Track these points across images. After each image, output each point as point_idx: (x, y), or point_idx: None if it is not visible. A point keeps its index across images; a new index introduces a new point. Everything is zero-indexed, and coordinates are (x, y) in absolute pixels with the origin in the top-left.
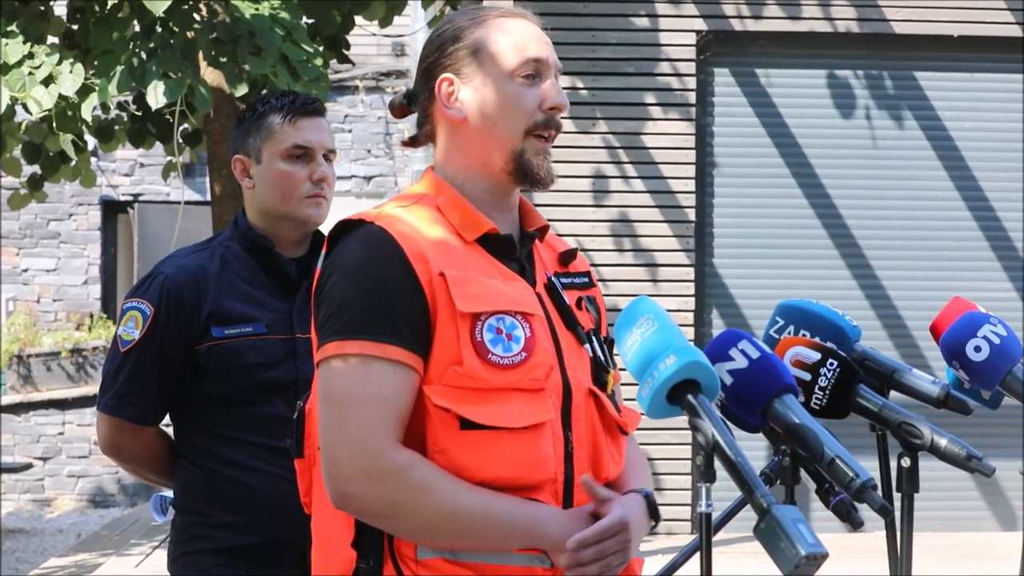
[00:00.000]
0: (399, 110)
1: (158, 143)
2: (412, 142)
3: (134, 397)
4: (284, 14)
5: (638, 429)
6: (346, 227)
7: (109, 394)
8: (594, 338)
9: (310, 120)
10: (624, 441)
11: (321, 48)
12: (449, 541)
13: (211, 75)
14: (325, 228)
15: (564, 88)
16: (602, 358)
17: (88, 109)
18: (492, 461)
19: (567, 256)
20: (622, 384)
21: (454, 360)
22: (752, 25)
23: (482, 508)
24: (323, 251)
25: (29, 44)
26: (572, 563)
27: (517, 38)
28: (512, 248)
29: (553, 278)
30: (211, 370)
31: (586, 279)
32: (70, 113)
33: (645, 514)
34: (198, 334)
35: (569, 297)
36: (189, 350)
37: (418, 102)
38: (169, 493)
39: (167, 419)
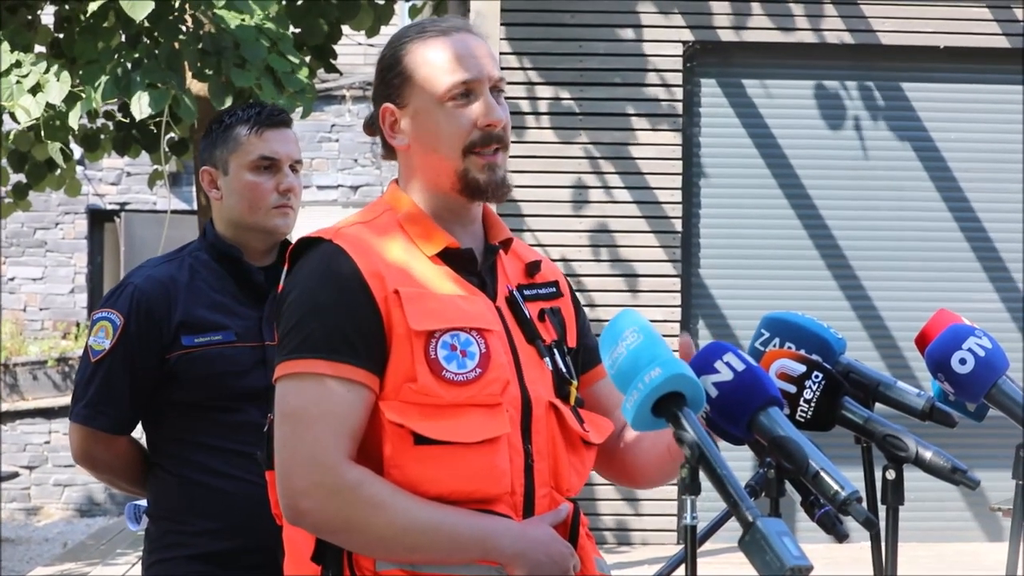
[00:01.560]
0: (368, 129)
1: (144, 152)
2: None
3: (106, 406)
4: (270, 24)
5: None
6: (305, 245)
7: (81, 403)
8: (556, 351)
9: (276, 131)
10: (589, 453)
11: (308, 58)
12: (403, 555)
13: (196, 85)
14: (295, 238)
15: (552, 99)
16: (564, 370)
17: (75, 117)
18: (447, 475)
19: (533, 267)
20: None
21: (409, 377)
22: (739, 35)
23: (433, 523)
24: (285, 268)
25: (17, 53)
26: None
27: (445, 60)
28: (472, 262)
29: (514, 291)
30: (182, 378)
31: (553, 289)
32: (57, 123)
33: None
34: (168, 343)
35: (532, 309)
36: (160, 359)
37: (376, 124)
38: (143, 502)
39: (140, 429)
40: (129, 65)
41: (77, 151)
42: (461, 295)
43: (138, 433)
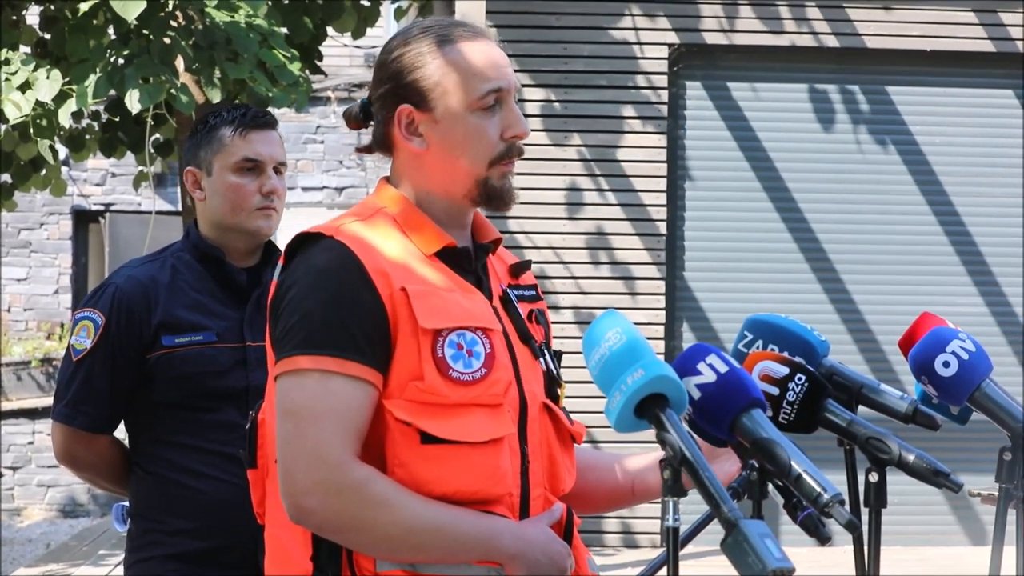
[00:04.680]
0: (355, 123)
1: (130, 153)
2: (369, 149)
3: (86, 405)
4: (259, 20)
5: (610, 441)
6: (305, 240)
7: (63, 403)
8: (546, 351)
9: (261, 133)
10: (574, 451)
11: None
12: (406, 555)
13: (190, 82)
14: (284, 238)
15: (537, 101)
16: (554, 371)
17: (65, 115)
18: (452, 475)
19: (519, 268)
20: (567, 396)
21: (415, 375)
22: (724, 38)
23: (438, 522)
24: (280, 263)
25: (4, 51)
26: None
27: (475, 67)
28: (469, 261)
29: (508, 290)
30: (162, 378)
31: (534, 292)
32: (44, 122)
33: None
34: (149, 343)
35: (522, 310)
36: (140, 359)
37: (376, 120)
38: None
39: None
40: (121, 61)
41: (62, 151)
42: (462, 294)
43: (122, 433)
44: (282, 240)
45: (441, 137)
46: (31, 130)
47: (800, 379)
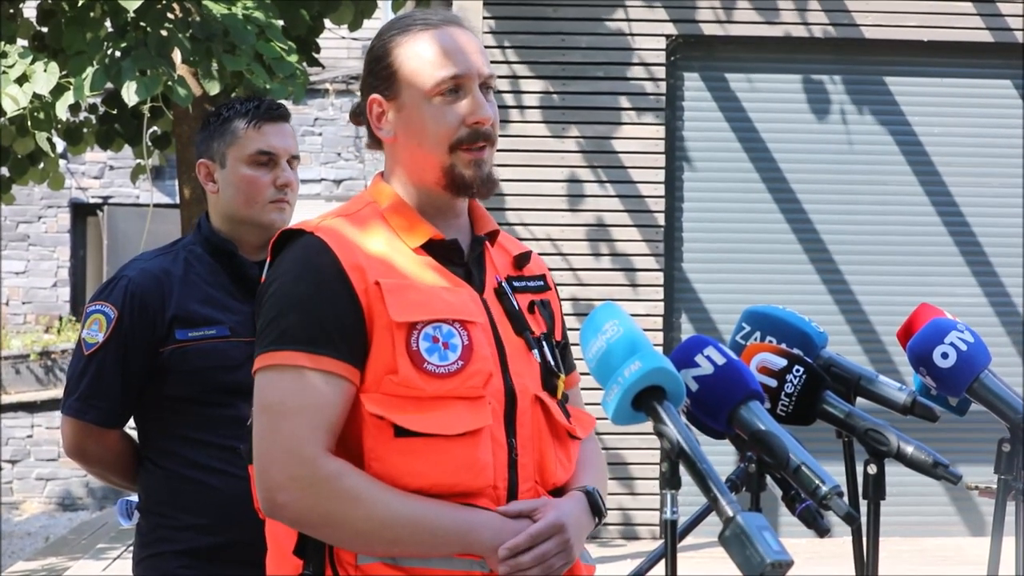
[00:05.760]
0: (355, 118)
1: (127, 146)
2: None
3: (98, 399)
4: (257, 13)
5: (611, 433)
6: (287, 237)
7: (73, 397)
8: (545, 343)
9: (274, 126)
10: (574, 447)
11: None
12: (383, 549)
13: (186, 74)
14: None
15: (535, 92)
16: (552, 363)
17: (63, 107)
18: (428, 468)
19: (521, 259)
20: (584, 388)
21: (390, 369)
22: (722, 29)
23: (413, 516)
24: (267, 260)
25: (2, 44)
26: (511, 570)
27: (435, 55)
28: (458, 253)
29: (503, 283)
30: (174, 372)
31: (541, 282)
32: (41, 115)
33: (587, 511)
34: (162, 337)
35: (521, 301)
36: (153, 353)
37: (363, 113)
38: (135, 498)
39: (132, 423)
40: (118, 54)
41: (60, 145)
42: (445, 287)
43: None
44: None
45: (404, 124)
46: (28, 123)
47: (798, 371)
